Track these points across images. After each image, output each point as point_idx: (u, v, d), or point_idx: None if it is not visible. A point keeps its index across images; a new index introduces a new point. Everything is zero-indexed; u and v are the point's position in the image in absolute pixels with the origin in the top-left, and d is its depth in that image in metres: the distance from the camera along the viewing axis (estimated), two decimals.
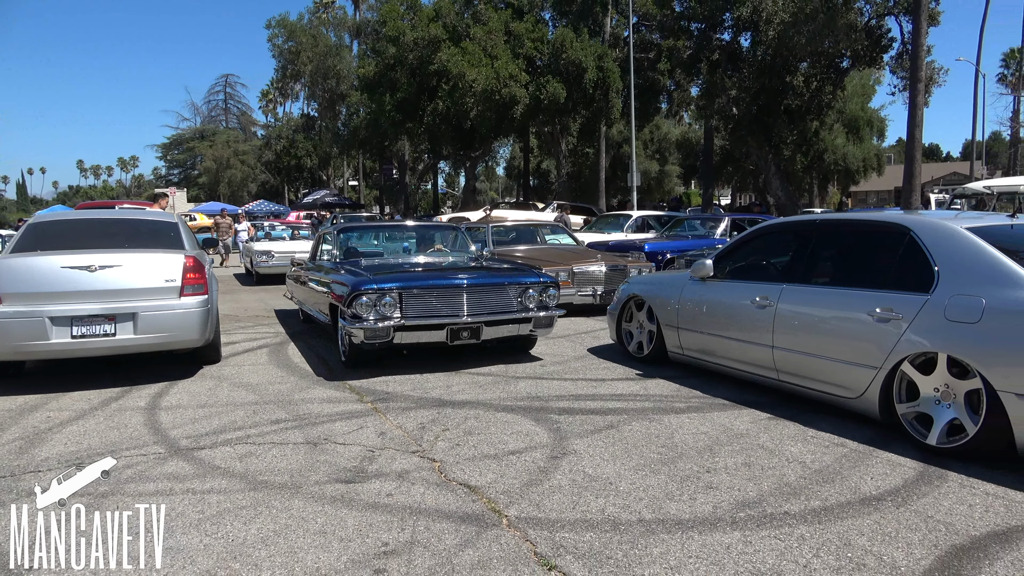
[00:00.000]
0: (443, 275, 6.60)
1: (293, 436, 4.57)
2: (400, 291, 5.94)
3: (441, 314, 6.04)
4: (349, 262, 7.20)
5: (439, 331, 6.02)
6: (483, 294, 6.21)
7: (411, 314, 5.97)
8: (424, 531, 3.14)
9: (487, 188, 77.28)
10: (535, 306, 6.44)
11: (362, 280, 6.00)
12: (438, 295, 6.07)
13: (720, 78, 23.91)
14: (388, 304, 5.86)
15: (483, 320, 6.11)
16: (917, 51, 17.77)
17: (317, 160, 59.31)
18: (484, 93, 25.68)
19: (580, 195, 38.09)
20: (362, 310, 5.84)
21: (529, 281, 6.46)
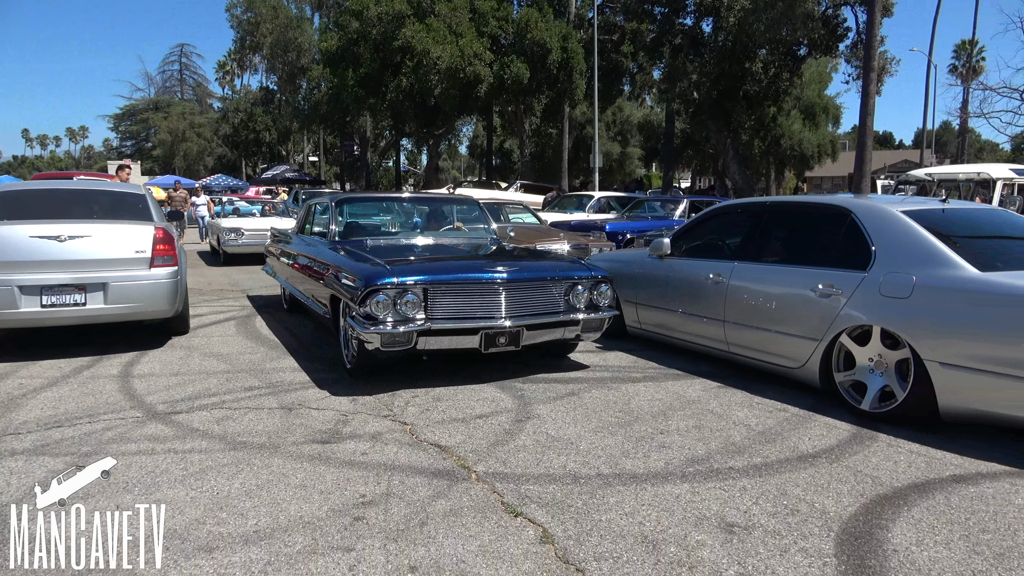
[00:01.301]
0: (477, 267, 5.29)
1: (267, 402, 4.74)
2: (426, 287, 4.79)
3: (475, 315, 4.91)
4: (351, 243, 6.13)
5: (472, 336, 4.87)
6: (525, 291, 5.10)
7: (439, 315, 4.83)
8: (399, 485, 3.37)
9: (449, 167, 76.91)
10: (583, 305, 5.34)
11: (379, 272, 4.82)
12: (472, 292, 4.94)
13: (682, 62, 24.29)
14: (411, 303, 4.70)
15: (524, 323, 4.99)
16: (871, 41, 18.34)
17: (276, 135, 58.32)
18: (449, 71, 25.61)
19: (543, 175, 38.30)
20: (378, 310, 4.66)
21: (579, 276, 5.35)
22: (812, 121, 38.86)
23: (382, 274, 4.79)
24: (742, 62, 23.40)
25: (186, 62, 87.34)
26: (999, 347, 3.79)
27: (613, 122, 49.97)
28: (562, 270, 5.42)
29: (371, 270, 4.92)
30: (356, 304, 4.75)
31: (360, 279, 4.85)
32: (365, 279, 4.79)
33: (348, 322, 4.99)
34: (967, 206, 6.27)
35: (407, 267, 5.06)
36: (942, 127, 59.49)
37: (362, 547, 2.77)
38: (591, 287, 5.41)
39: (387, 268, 4.88)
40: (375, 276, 4.77)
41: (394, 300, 4.69)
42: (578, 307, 5.33)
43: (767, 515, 3.06)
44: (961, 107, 31.76)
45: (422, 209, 7.54)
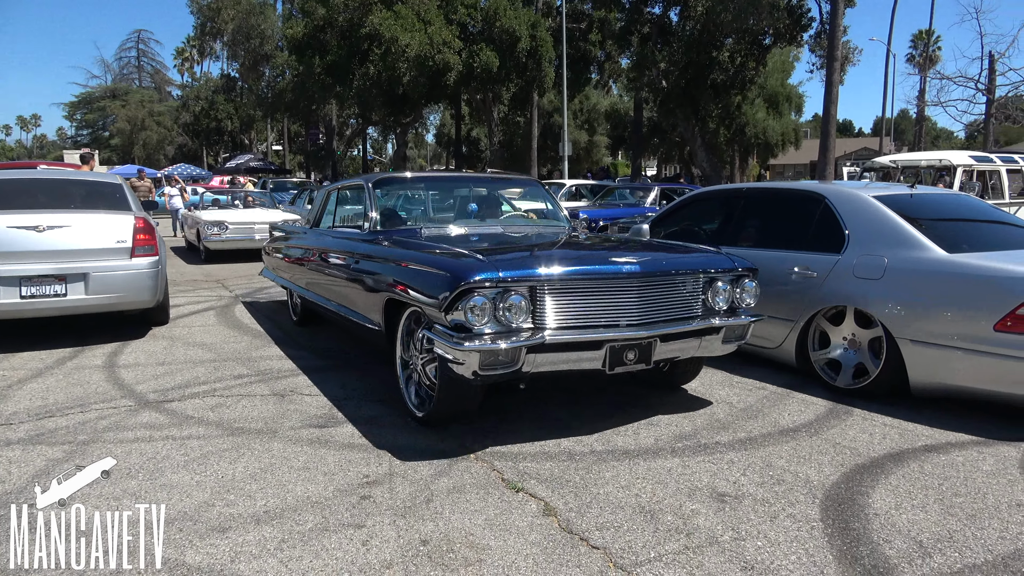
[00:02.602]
0: (598, 256, 4.21)
1: (259, 389, 4.78)
2: (535, 284, 3.51)
3: (598, 323, 3.64)
4: (400, 233, 4.87)
5: (594, 352, 3.61)
6: (658, 288, 3.84)
7: (552, 323, 3.55)
8: (400, 465, 3.47)
9: (416, 155, 76.47)
10: (724, 306, 4.08)
11: (473, 265, 3.53)
12: (595, 290, 3.66)
13: (651, 51, 24.51)
14: (516, 307, 3.45)
15: (657, 332, 3.74)
16: (834, 31, 18.73)
17: (239, 123, 57.33)
18: (417, 59, 25.46)
19: (512, 164, 38.35)
20: (475, 317, 3.39)
21: (719, 267, 4.10)
22: (775, 110, 39.49)
23: (478, 267, 3.47)
24: (709, 51, 23.71)
25: (144, 48, 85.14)
26: (965, 324, 4.01)
27: (580, 110, 50.14)
28: (699, 260, 4.13)
29: (460, 263, 3.62)
30: (440, 310, 3.45)
31: (446, 274, 3.53)
32: (454, 274, 3.47)
33: (423, 337, 3.75)
34: (933, 191, 6.53)
35: (508, 258, 3.90)
36: (900, 115, 60.92)
37: (372, 523, 2.86)
38: (732, 281, 4.13)
39: (482, 259, 3.59)
40: (468, 270, 3.44)
41: (496, 302, 3.42)
42: (718, 309, 4.04)
43: (755, 485, 3.23)
44: (918, 96, 32.59)
45: (478, 192, 6.09)
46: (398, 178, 6.12)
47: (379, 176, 5.57)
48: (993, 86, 23.88)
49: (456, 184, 6.36)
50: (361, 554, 2.62)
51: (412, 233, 4.84)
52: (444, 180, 6.65)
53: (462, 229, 5.10)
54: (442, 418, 3.94)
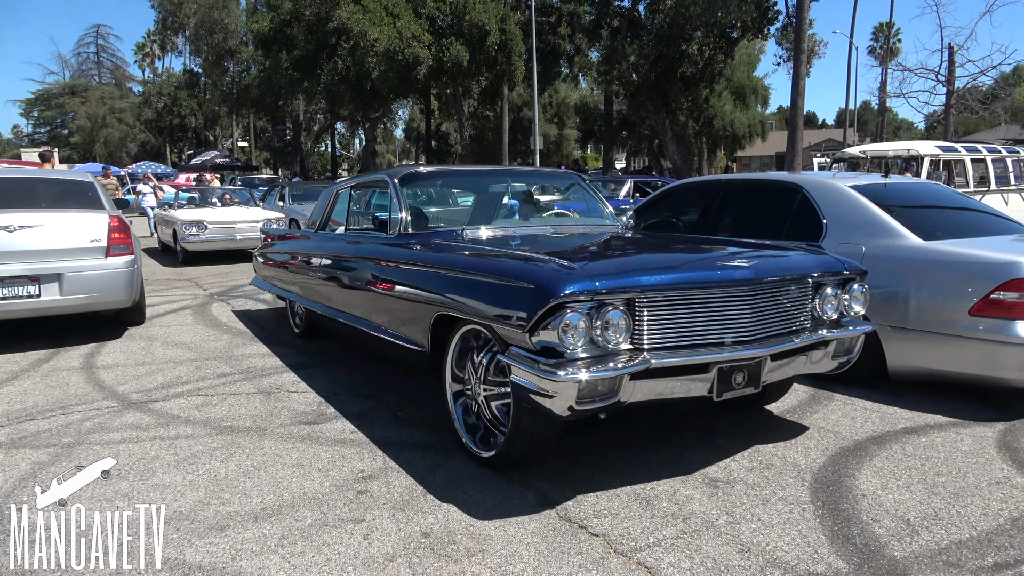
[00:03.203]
0: (702, 261, 3.57)
1: (244, 387, 4.74)
2: (636, 296, 2.91)
3: (703, 340, 3.07)
4: (438, 236, 4.20)
5: (701, 376, 3.04)
6: (769, 297, 3.26)
7: (653, 342, 2.97)
8: (395, 459, 3.47)
9: (384, 150, 75.94)
10: (834, 316, 3.52)
11: (566, 275, 2.88)
12: (702, 301, 3.07)
13: (620, 44, 24.64)
14: (614, 325, 2.86)
15: (769, 351, 3.17)
16: (801, 24, 19.02)
17: (203, 119, 56.38)
18: (387, 53, 25.25)
19: (482, 158, 38.29)
20: (570, 338, 2.77)
21: (827, 270, 3.53)
22: (742, 102, 39.91)
23: (571, 277, 2.84)
24: (679, 44, 23.90)
25: (103, 44, 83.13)
26: (941, 309, 4.12)
27: (550, 104, 50.21)
28: (807, 262, 3.53)
29: (548, 271, 2.95)
30: (523, 330, 2.83)
31: (531, 286, 2.88)
32: (543, 286, 2.82)
33: (490, 363, 3.22)
34: (907, 180, 6.69)
35: (603, 265, 3.40)
36: (863, 107, 62.04)
37: (372, 517, 2.87)
38: (839, 286, 3.55)
39: (575, 267, 2.98)
40: (561, 281, 2.80)
41: (590, 320, 2.82)
42: (826, 319, 3.49)
43: (745, 470, 3.30)
44: (880, 87, 33.26)
45: (517, 188, 5.36)
46: (427, 173, 5.26)
47: (406, 171, 4.72)
48: (953, 77, 24.48)
49: (491, 179, 5.55)
50: (363, 548, 2.63)
51: (451, 236, 4.16)
52: (478, 175, 5.81)
53: (508, 230, 4.44)
54: (515, 460, 3.24)
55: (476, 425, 3.45)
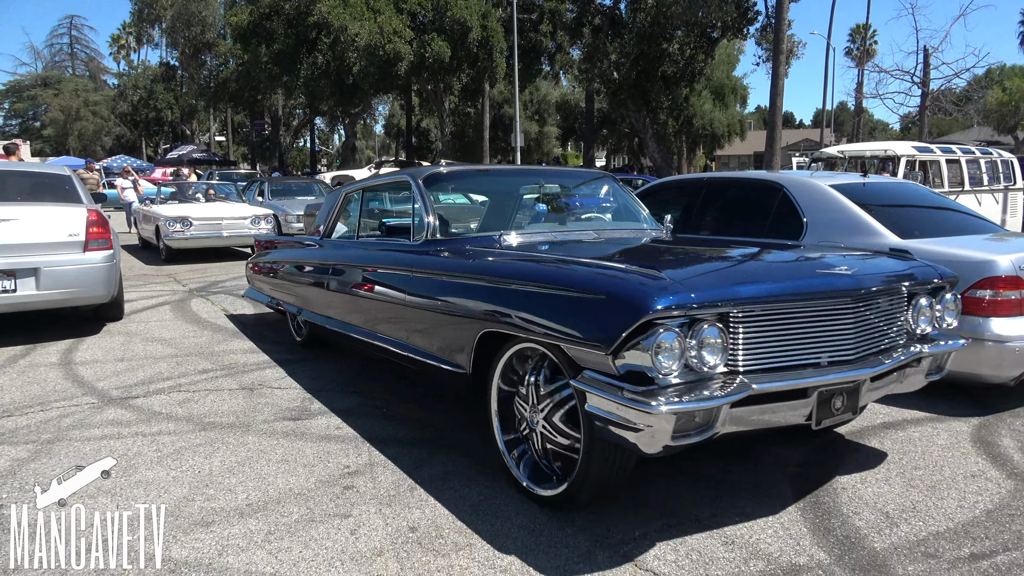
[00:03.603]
0: (801, 269, 3.14)
1: (226, 383, 4.71)
2: (731, 311, 2.54)
3: (799, 360, 2.70)
4: (474, 241, 3.81)
5: (802, 401, 2.66)
6: (869, 309, 2.90)
7: (749, 363, 2.60)
8: (380, 455, 3.47)
9: (364, 146, 75.50)
10: (928, 329, 3.21)
11: (657, 286, 2.48)
12: (801, 315, 2.70)
13: (602, 42, 24.72)
14: (710, 344, 2.50)
15: (870, 371, 2.81)
16: (780, 24, 19.21)
17: (180, 113, 55.72)
18: (367, 48, 25.11)
19: (463, 155, 38.24)
20: (665, 361, 2.41)
21: (921, 279, 3.19)
22: (722, 101, 40.23)
23: (663, 289, 2.44)
24: (660, 43, 24.04)
25: (76, 35, 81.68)
26: None
27: (531, 101, 50.25)
28: (901, 269, 3.20)
29: (635, 282, 2.54)
30: (605, 352, 2.42)
31: (615, 300, 2.48)
32: (631, 300, 2.42)
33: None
34: (884, 180, 6.79)
35: (693, 275, 2.93)
36: (839, 107, 62.76)
37: (358, 513, 2.87)
38: (932, 295, 3.23)
39: (664, 278, 2.54)
40: (653, 294, 2.40)
41: (682, 339, 2.42)
42: (920, 333, 3.18)
43: (728, 464, 3.34)
44: (857, 88, 33.69)
45: (548, 190, 4.84)
46: (454, 173, 4.71)
47: (430, 171, 4.27)
48: (928, 79, 24.87)
49: (521, 180, 5.06)
50: (351, 543, 2.63)
51: (487, 242, 3.72)
52: (508, 175, 5.40)
53: (549, 235, 4.03)
54: (584, 501, 2.81)
55: (527, 456, 3.04)
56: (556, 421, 2.85)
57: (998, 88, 34.94)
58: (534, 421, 2.95)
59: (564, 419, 2.83)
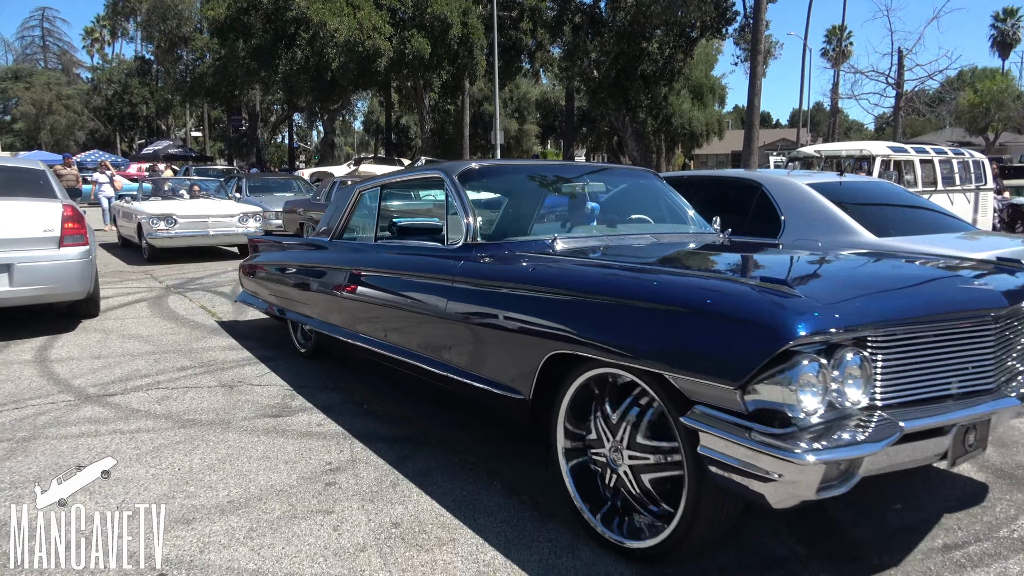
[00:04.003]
0: (938, 278, 2.79)
1: (206, 380, 4.67)
2: (872, 335, 2.17)
3: (934, 391, 2.34)
4: (522, 246, 3.33)
5: (940, 438, 2.25)
6: (1012, 328, 2.60)
7: (891, 395, 2.24)
8: (362, 451, 3.47)
9: (343, 143, 75.03)
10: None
11: (795, 308, 2.05)
12: (944, 338, 2.35)
13: (582, 41, 24.79)
14: (854, 374, 2.11)
15: (1016, 403, 2.47)
16: (758, 25, 19.39)
17: (155, 108, 54.97)
18: (347, 44, 24.97)
19: (443, 152, 38.15)
20: (808, 396, 2.00)
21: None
22: (700, 101, 40.50)
23: (804, 309, 2.05)
24: (639, 42, 24.17)
25: (49, 27, 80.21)
26: None
27: (511, 99, 50.26)
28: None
29: (768, 301, 2.12)
30: (735, 385, 2.03)
31: (747, 320, 2.08)
32: (768, 321, 2.02)
33: (658, 425, 2.39)
34: (860, 179, 6.90)
35: (825, 291, 2.42)
36: (815, 107, 63.50)
37: (341, 509, 2.87)
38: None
39: (800, 296, 2.15)
40: (793, 315, 2.01)
41: (823, 370, 2.04)
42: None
43: None
44: (833, 89, 34.10)
45: (596, 188, 4.36)
46: (491, 169, 4.26)
47: (464, 167, 3.78)
48: (902, 80, 25.23)
49: (564, 177, 4.48)
50: (333, 538, 2.63)
51: (538, 247, 3.29)
52: (549, 171, 4.81)
53: (607, 240, 3.64)
54: (687, 552, 2.42)
55: (602, 498, 2.60)
56: (645, 460, 2.41)
57: (970, 90, 35.61)
58: (616, 461, 2.52)
59: (659, 458, 2.38)
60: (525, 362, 2.77)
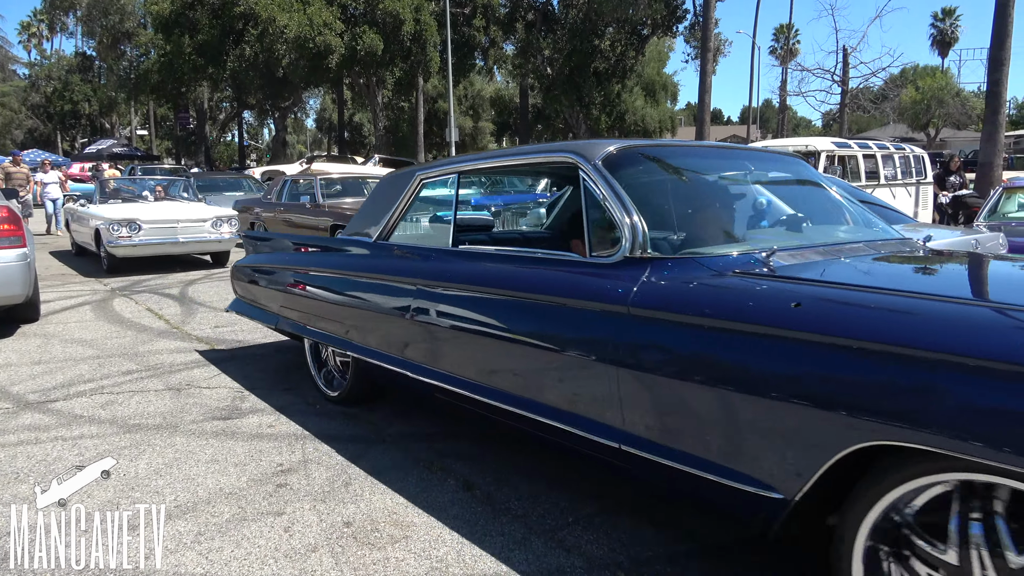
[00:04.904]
0: None
1: (152, 384, 4.56)
2: None
3: None
4: (729, 262, 2.35)
5: None
6: None
7: None
8: (314, 451, 3.43)
9: (295, 141, 73.86)
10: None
11: None
12: None
13: (535, 38, 24.88)
14: None
15: None
16: (707, 23, 19.72)
17: (98, 106, 53.31)
18: (297, 40, 24.57)
19: (398, 149, 37.87)
20: None
21: None
22: (653, 98, 41.01)
23: None
24: (592, 40, 24.37)
25: None
26: None
27: (465, 96, 50.14)
28: None
29: None
30: None
31: None
32: None
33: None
34: None
35: None
36: (765, 104, 64.85)
37: (292, 510, 2.83)
38: None
39: None
40: None
41: None
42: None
43: None
44: (781, 86, 34.88)
45: (765, 178, 3.36)
46: (645, 151, 3.08)
47: (608, 147, 2.76)
48: (847, 78, 25.95)
49: (723, 162, 3.41)
50: (284, 540, 2.60)
51: (745, 263, 2.32)
52: (706, 155, 3.44)
53: (822, 251, 2.56)
54: None
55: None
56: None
57: (912, 87, 36.74)
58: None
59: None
60: (795, 450, 1.85)
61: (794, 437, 1.85)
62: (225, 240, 10.01)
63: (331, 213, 10.46)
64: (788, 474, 1.88)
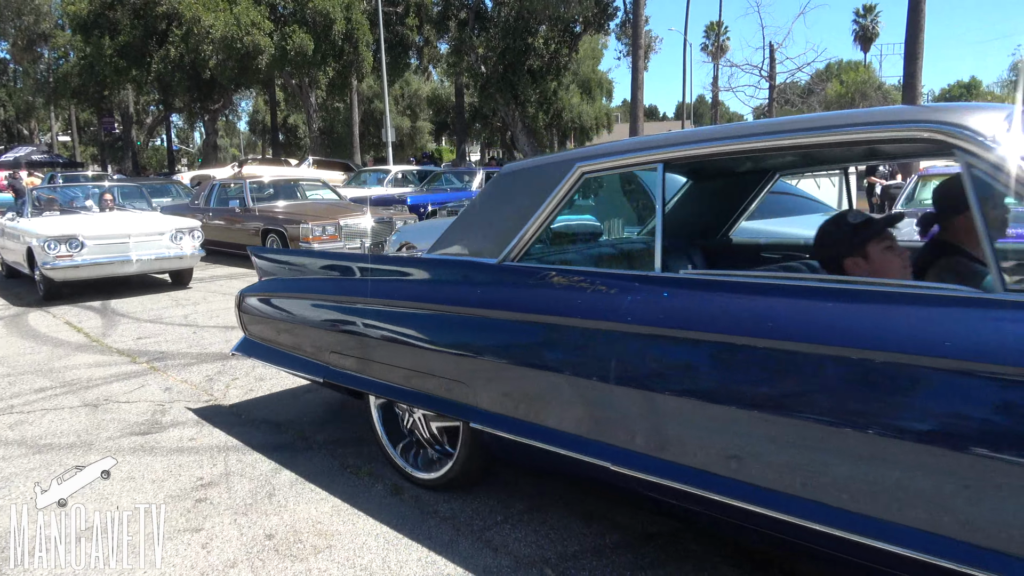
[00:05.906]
0: None
1: (67, 401, 4.35)
2: None
3: None
4: None
5: None
6: None
7: None
8: (237, 463, 3.32)
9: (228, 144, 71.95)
10: None
11: None
12: None
13: (468, 36, 24.81)
14: None
15: None
16: (637, 20, 20.00)
17: (15, 111, 50.93)
18: (223, 40, 23.89)
19: (333, 151, 37.27)
20: None
21: None
22: (589, 95, 41.43)
23: None
24: (525, 37, 24.44)
25: None
26: None
27: (402, 96, 49.72)
28: None
29: None
30: None
31: None
32: None
33: None
34: None
35: None
36: (698, 100, 66.27)
37: (211, 525, 2.74)
38: None
39: None
40: None
41: None
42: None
43: None
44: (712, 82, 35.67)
45: None
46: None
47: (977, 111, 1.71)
48: (774, 73, 26.72)
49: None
50: (202, 557, 2.51)
51: None
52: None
53: None
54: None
55: None
56: None
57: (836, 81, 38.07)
58: None
59: None
60: None
61: None
62: (187, 256, 8.32)
63: (262, 217, 10.21)
64: None
